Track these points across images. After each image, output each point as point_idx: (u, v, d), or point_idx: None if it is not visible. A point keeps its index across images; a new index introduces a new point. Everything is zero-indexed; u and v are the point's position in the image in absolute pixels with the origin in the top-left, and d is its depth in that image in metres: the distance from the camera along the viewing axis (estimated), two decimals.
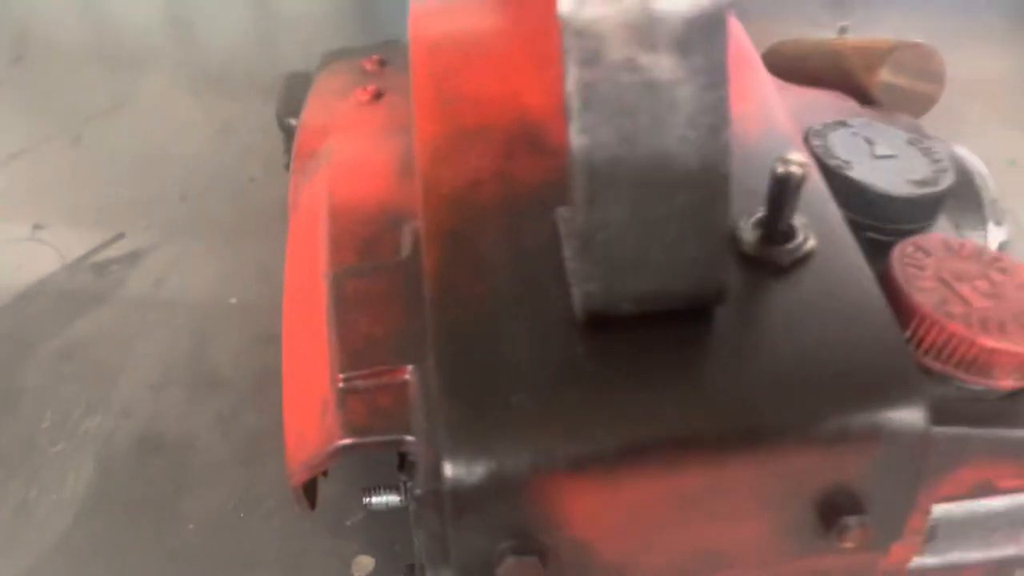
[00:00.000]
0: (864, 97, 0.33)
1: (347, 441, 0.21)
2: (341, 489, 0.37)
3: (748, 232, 0.22)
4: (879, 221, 0.25)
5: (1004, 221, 0.33)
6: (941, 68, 0.34)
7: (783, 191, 0.21)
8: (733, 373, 0.19)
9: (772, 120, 0.26)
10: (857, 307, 0.21)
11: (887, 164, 0.26)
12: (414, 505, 0.25)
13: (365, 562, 0.35)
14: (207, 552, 0.36)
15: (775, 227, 0.21)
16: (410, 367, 0.22)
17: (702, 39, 0.17)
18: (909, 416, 0.19)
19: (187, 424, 0.40)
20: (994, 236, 0.32)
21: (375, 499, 0.27)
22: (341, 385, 0.23)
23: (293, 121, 0.39)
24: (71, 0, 0.71)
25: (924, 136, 0.30)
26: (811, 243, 0.22)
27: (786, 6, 0.66)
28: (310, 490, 0.25)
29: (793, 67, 0.39)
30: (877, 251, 0.23)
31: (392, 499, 0.27)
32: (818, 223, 0.22)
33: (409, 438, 0.21)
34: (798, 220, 0.22)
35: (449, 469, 0.19)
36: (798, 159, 0.20)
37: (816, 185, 0.24)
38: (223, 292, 0.46)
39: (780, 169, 0.20)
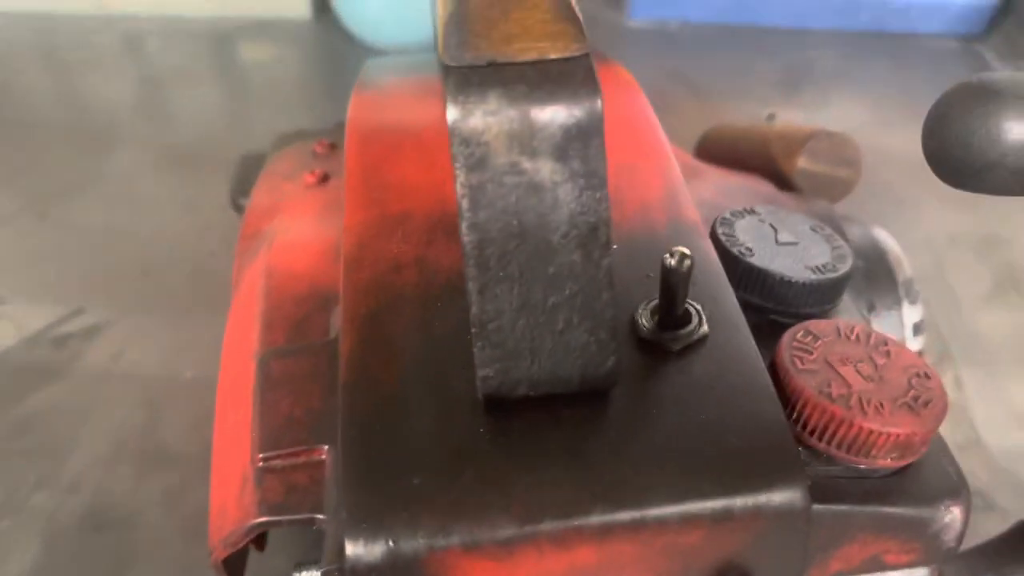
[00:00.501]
0: (784, 182, 0.35)
1: (262, 519, 0.22)
2: (292, 566, 0.38)
3: (646, 318, 0.23)
4: (781, 305, 0.26)
5: (917, 300, 0.34)
6: (857, 155, 0.36)
7: (673, 280, 0.22)
8: (622, 454, 0.20)
9: (677, 209, 0.27)
10: (743, 390, 0.22)
11: (788, 250, 0.27)
12: None
13: None
14: None
15: (669, 313, 0.23)
16: (326, 447, 0.23)
17: (579, 146, 0.19)
18: (789, 496, 0.20)
19: (134, 500, 0.41)
20: (909, 315, 0.34)
21: (304, 574, 0.27)
22: (260, 464, 0.23)
23: (244, 201, 0.40)
24: (43, 78, 0.73)
25: (830, 222, 0.32)
26: (704, 328, 0.23)
27: (738, 88, 0.69)
28: (238, 565, 0.25)
29: (725, 151, 0.41)
30: (781, 333, 0.24)
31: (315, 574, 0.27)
32: (715, 309, 0.24)
33: (320, 516, 0.22)
34: (694, 306, 0.23)
35: (349, 548, 0.19)
36: (683, 252, 0.22)
37: (715, 273, 0.25)
38: (178, 366, 0.47)
39: (668, 261, 0.22)
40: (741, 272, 0.26)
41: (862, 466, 0.22)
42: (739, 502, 0.20)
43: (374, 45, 0.72)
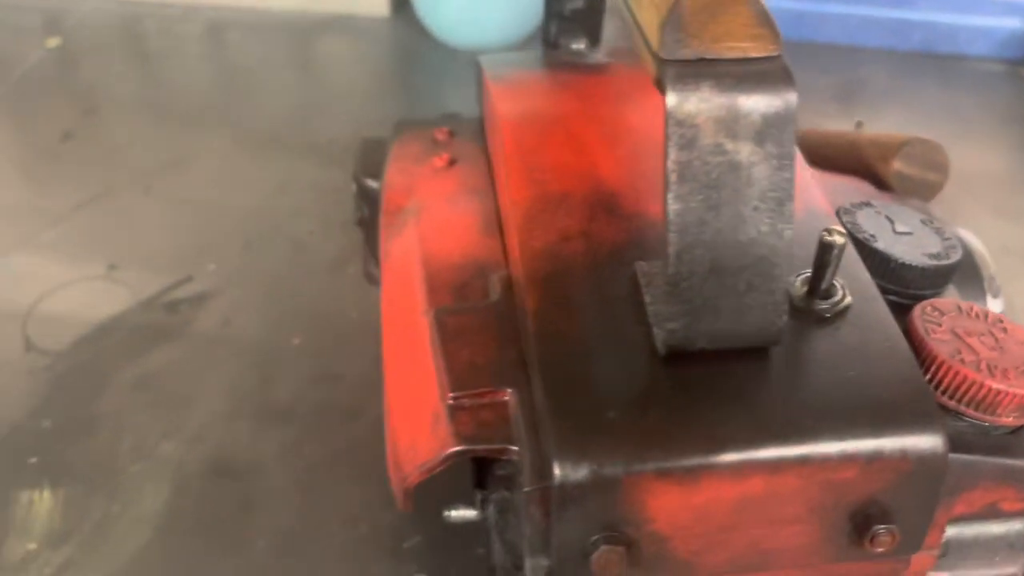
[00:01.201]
0: (879, 184, 0.39)
1: (459, 448, 0.26)
2: (400, 516, 0.41)
3: (797, 288, 0.27)
4: (899, 286, 0.29)
5: (999, 295, 0.38)
6: (946, 160, 0.39)
7: (827, 256, 0.25)
8: (788, 401, 0.24)
9: (811, 199, 0.30)
10: (886, 353, 0.25)
11: (906, 239, 0.30)
12: (496, 514, 0.29)
13: None
14: (275, 569, 0.39)
15: (819, 285, 0.26)
16: (509, 390, 0.27)
17: (775, 131, 0.22)
18: (931, 442, 0.23)
19: (253, 452, 0.44)
20: (992, 307, 0.37)
21: (454, 513, 0.31)
22: (450, 402, 0.27)
23: (370, 181, 0.44)
24: (132, 63, 0.77)
25: (933, 218, 0.35)
26: (848, 299, 0.26)
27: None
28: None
29: (815, 154, 0.44)
30: (897, 312, 0.28)
31: (469, 513, 0.30)
32: (852, 284, 0.27)
33: (513, 448, 0.25)
34: (837, 280, 0.27)
35: (557, 469, 0.23)
36: (840, 231, 0.25)
37: (850, 253, 0.28)
38: (284, 333, 0.50)
39: (826, 238, 0.25)
40: (866, 256, 0.29)
41: (987, 423, 0.25)
42: (889, 444, 0.23)
43: (450, 44, 0.76)
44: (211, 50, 0.78)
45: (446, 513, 0.31)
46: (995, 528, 0.26)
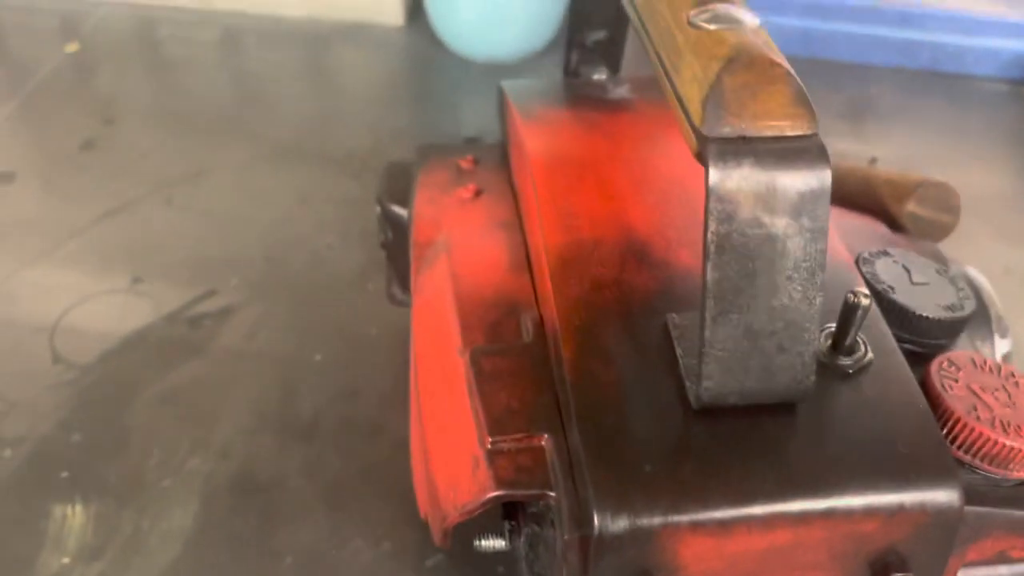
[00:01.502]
0: (892, 223, 0.40)
1: (500, 492, 0.27)
2: (423, 535, 0.42)
3: (821, 343, 0.28)
4: (916, 336, 0.31)
5: (1007, 335, 0.39)
6: (957, 203, 0.40)
7: (852, 316, 0.27)
8: (814, 454, 0.25)
9: (833, 250, 0.32)
10: (906, 409, 0.27)
11: (922, 290, 0.32)
12: (526, 547, 0.31)
13: None
14: None
15: (843, 342, 0.27)
16: (545, 436, 0.28)
17: (810, 207, 0.23)
18: (949, 496, 0.25)
19: (278, 467, 0.45)
20: (1000, 347, 0.39)
21: (484, 543, 0.32)
22: (489, 446, 0.28)
23: (395, 207, 0.45)
24: (149, 70, 0.77)
25: (946, 263, 0.36)
26: (869, 355, 0.28)
27: None
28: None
29: None
30: (912, 360, 0.29)
31: (498, 543, 0.32)
32: (872, 337, 0.29)
33: (551, 493, 0.27)
34: (859, 336, 0.28)
35: (597, 520, 0.24)
36: (864, 293, 0.26)
37: (872, 308, 0.30)
38: (307, 348, 0.52)
39: (851, 299, 0.26)
40: (885, 307, 0.31)
41: (999, 476, 0.27)
42: (909, 498, 0.25)
43: (464, 55, 0.77)
44: (226, 58, 0.79)
45: (477, 542, 0.32)
46: (1003, 571, 0.28)
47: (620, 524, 0.24)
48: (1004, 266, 0.59)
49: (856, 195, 0.44)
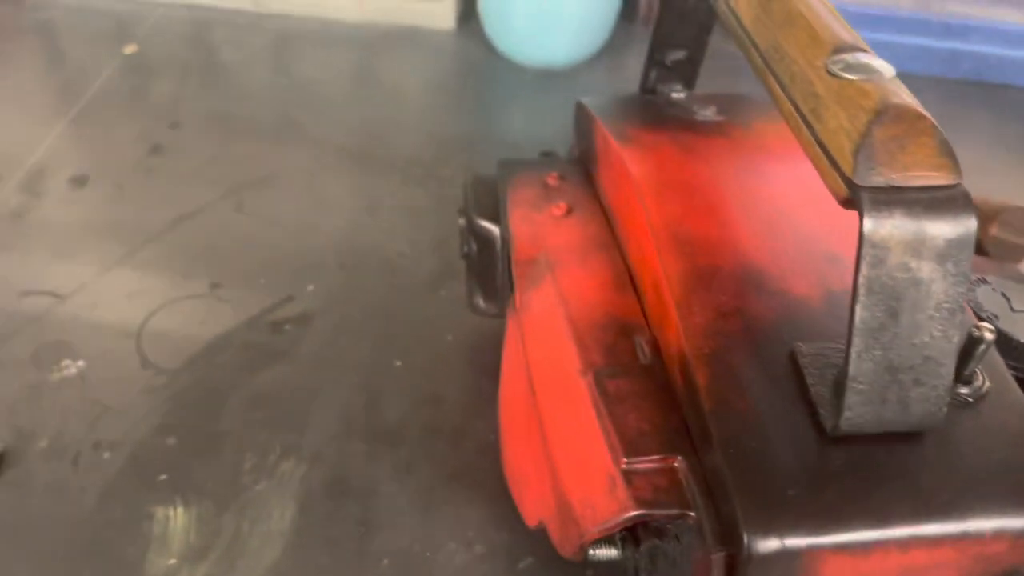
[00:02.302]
0: (976, 247, 0.42)
1: (640, 511, 0.29)
2: (512, 537, 0.44)
3: None
4: (1019, 363, 0.33)
5: None
6: None
7: (975, 349, 0.28)
8: (945, 481, 0.27)
9: None
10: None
11: (1022, 317, 0.33)
12: (647, 560, 0.32)
13: None
14: None
15: (964, 372, 0.29)
16: (678, 457, 0.30)
17: (955, 253, 0.25)
18: None
19: (369, 472, 0.47)
20: None
21: (598, 552, 0.34)
22: (624, 467, 0.30)
23: (484, 222, 0.46)
24: (207, 73, 0.79)
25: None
26: (987, 384, 0.30)
27: None
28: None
29: None
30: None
31: (611, 553, 0.34)
32: (988, 367, 0.30)
33: (690, 513, 0.28)
34: (977, 367, 0.30)
35: (746, 539, 0.26)
36: (989, 328, 0.28)
37: None
38: (387, 355, 0.53)
39: (975, 333, 0.28)
40: None
41: None
42: None
43: (516, 61, 0.78)
44: (281, 61, 0.80)
45: (591, 552, 0.34)
46: None
47: (769, 544, 0.26)
48: None
49: None
